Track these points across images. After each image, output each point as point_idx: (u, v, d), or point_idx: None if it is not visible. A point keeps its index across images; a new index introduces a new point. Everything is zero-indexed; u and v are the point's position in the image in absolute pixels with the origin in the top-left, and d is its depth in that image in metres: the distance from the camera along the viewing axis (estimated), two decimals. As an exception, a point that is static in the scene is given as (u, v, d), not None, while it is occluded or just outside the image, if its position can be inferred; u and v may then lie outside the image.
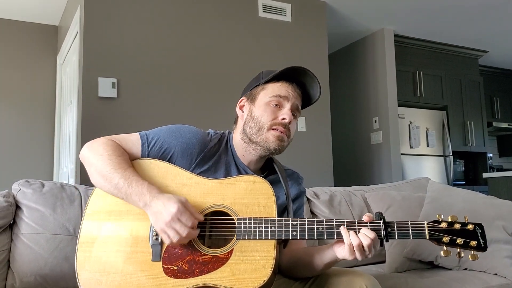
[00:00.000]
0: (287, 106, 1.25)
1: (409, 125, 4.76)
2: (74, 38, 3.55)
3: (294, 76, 1.28)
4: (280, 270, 1.30)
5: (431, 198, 1.98)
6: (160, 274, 1.10)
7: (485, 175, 4.15)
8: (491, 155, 5.68)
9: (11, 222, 1.47)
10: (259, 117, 1.25)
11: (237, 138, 1.30)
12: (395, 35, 4.73)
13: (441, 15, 4.38)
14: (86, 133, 3.06)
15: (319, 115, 3.90)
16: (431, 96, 5.01)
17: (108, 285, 1.11)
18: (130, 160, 1.20)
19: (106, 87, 3.12)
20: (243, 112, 1.32)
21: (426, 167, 4.81)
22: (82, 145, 3.26)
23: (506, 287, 1.66)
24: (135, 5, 3.31)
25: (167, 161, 1.22)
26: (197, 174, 1.22)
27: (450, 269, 1.79)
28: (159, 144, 1.23)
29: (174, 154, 1.22)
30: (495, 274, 1.71)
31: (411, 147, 4.73)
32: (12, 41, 4.25)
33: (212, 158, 1.26)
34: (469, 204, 1.88)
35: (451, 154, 4.95)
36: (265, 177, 1.30)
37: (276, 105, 1.25)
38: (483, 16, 4.40)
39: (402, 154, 4.61)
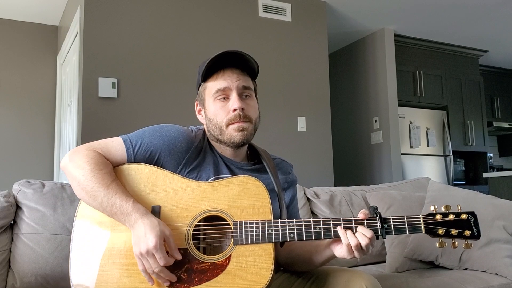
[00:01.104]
0: (232, 95, 1.22)
1: (409, 125, 4.76)
2: (74, 38, 3.55)
3: (226, 61, 1.24)
4: (278, 264, 1.30)
5: (431, 198, 1.98)
6: (159, 286, 1.08)
7: (485, 174, 4.15)
8: (491, 154, 5.68)
9: (12, 222, 1.47)
10: (214, 119, 1.24)
11: (210, 138, 1.30)
12: (395, 35, 4.73)
13: (441, 15, 4.38)
14: (86, 133, 3.06)
15: (319, 115, 3.91)
16: (431, 95, 5.01)
17: None
18: (113, 172, 1.15)
19: (106, 87, 3.12)
20: (202, 116, 1.32)
21: (426, 166, 4.81)
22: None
23: (506, 286, 1.66)
24: (135, 5, 3.31)
25: (155, 164, 1.19)
26: (187, 172, 1.20)
27: (451, 269, 1.79)
28: (144, 147, 1.19)
29: (161, 155, 1.19)
30: (496, 274, 1.71)
31: (411, 146, 4.73)
32: (12, 41, 4.25)
33: (199, 155, 1.24)
34: (469, 204, 1.88)
35: (451, 153, 4.95)
36: (253, 166, 1.31)
37: (224, 97, 1.23)
38: (483, 16, 4.40)
39: (402, 154, 4.61)
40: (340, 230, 1.09)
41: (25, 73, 4.27)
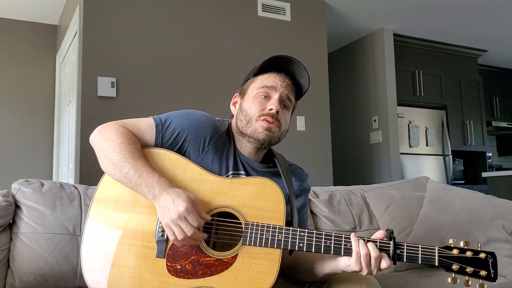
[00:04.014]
0: (275, 96, 1.25)
1: (408, 125, 4.76)
2: (74, 38, 3.55)
3: (283, 66, 1.28)
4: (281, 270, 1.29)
5: (430, 197, 1.98)
6: (163, 272, 1.10)
7: (484, 174, 4.15)
8: (490, 154, 5.69)
9: (11, 222, 1.47)
10: (247, 110, 1.25)
11: (234, 132, 1.31)
12: (395, 34, 4.73)
13: (440, 15, 4.38)
14: (86, 133, 3.04)
15: (319, 115, 3.91)
16: (431, 95, 5.01)
17: (111, 277, 1.11)
18: (141, 150, 1.18)
19: (105, 87, 3.12)
20: (235, 108, 1.33)
21: (426, 166, 4.82)
22: (81, 145, 3.25)
23: (505, 286, 1.66)
24: (134, 4, 3.31)
25: (180, 146, 1.21)
26: (210, 158, 1.21)
27: (450, 268, 1.79)
28: (173, 127, 1.22)
29: (188, 137, 1.21)
30: (495, 273, 1.71)
31: (410, 146, 4.74)
32: (11, 41, 4.25)
33: (223, 145, 1.26)
34: (468, 203, 1.88)
35: (450, 153, 4.96)
36: (268, 168, 1.31)
37: (265, 96, 1.25)
38: (483, 15, 4.40)
39: (401, 153, 4.62)
40: (353, 236, 1.07)
41: (24, 72, 4.26)
